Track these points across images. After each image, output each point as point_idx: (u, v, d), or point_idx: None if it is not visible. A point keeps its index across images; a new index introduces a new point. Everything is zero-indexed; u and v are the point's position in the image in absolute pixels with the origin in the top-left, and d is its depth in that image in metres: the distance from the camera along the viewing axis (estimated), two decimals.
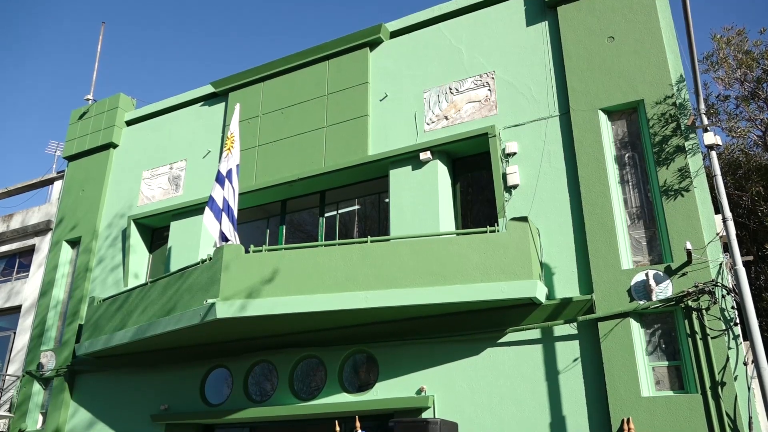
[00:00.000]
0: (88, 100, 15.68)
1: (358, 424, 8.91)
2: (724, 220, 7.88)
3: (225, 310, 9.39)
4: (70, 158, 15.24)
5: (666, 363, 8.13)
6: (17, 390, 13.28)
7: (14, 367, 13.79)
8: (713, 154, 8.26)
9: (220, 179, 11.01)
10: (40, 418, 12.91)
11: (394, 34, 11.91)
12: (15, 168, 48.88)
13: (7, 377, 13.70)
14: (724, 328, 7.77)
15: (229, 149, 11.23)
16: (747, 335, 7.46)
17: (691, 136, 8.79)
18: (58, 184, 15.72)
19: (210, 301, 9.47)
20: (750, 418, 7.35)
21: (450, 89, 10.90)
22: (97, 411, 12.18)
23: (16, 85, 46.53)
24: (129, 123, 14.90)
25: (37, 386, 13.10)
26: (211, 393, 11.18)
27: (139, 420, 11.55)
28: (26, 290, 14.61)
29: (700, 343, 7.81)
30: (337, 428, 9.00)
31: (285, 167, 11.91)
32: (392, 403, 9.28)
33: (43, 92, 50.73)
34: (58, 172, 16.00)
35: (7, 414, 12.98)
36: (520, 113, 10.14)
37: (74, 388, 12.69)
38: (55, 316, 13.71)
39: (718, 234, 8.22)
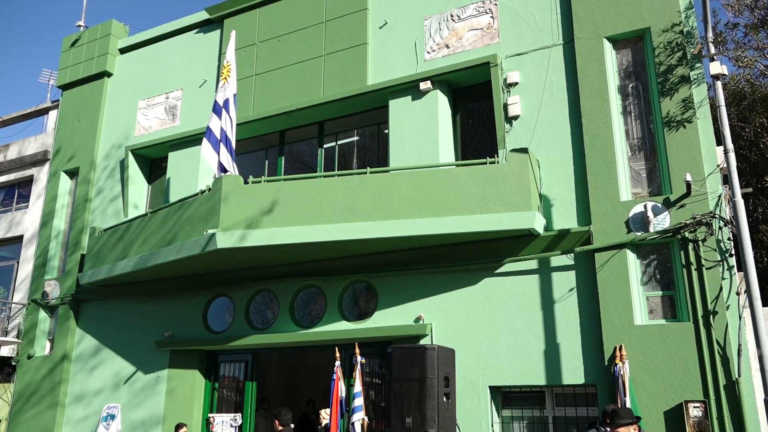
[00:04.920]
0: (79, 26, 15.27)
1: (357, 350, 9.16)
2: (726, 152, 7.83)
3: (225, 240, 9.47)
4: (64, 87, 14.97)
5: (660, 293, 8.28)
6: (23, 317, 13.58)
7: (19, 295, 14.04)
8: (718, 84, 8.11)
9: (217, 109, 10.86)
10: (48, 344, 13.26)
11: None
12: (8, 97, 48.19)
13: (13, 305, 13.97)
14: (719, 259, 7.86)
15: (225, 78, 11.02)
16: (741, 266, 7.56)
17: (697, 65, 8.61)
18: (53, 114, 15.52)
19: (210, 231, 9.53)
20: (739, 345, 7.55)
21: (451, 16, 10.60)
22: (103, 338, 12.49)
23: (6, 10, 45.21)
24: (122, 51, 14.55)
25: (43, 314, 13.38)
26: (213, 321, 11.43)
27: (143, 346, 11.86)
28: (27, 220, 14.69)
29: (694, 274, 7.93)
30: (337, 354, 9.26)
31: (283, 97, 11.73)
32: (391, 330, 9.50)
33: (34, 18, 49.37)
34: (52, 102, 15.76)
35: (16, 340, 13.33)
36: (522, 42, 9.90)
37: (79, 316, 12.97)
38: (57, 246, 13.84)
39: (718, 165, 8.20)
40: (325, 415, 9.54)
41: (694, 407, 7.50)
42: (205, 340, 11.17)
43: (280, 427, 7.59)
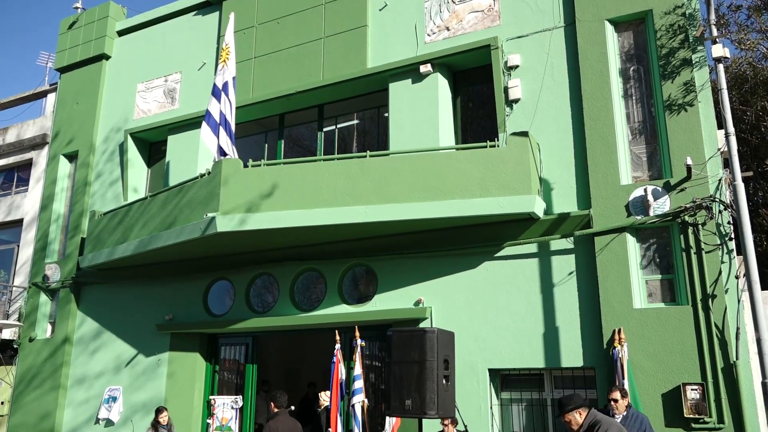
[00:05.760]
0: (77, 8, 15.14)
1: (357, 333, 9.20)
2: (727, 135, 7.81)
3: (225, 223, 9.47)
4: (62, 70, 14.88)
5: (659, 276, 8.30)
6: (24, 301, 13.62)
7: (20, 279, 14.07)
8: (720, 67, 8.07)
9: (216, 92, 10.81)
10: (49, 327, 13.31)
11: None
12: (6, 80, 47.94)
13: (14, 288, 14.01)
14: (719, 242, 7.87)
15: (224, 61, 10.95)
16: (741, 250, 7.57)
17: (699, 48, 8.56)
18: (51, 97, 15.44)
19: (210, 214, 9.53)
20: (737, 328, 7.58)
21: None
22: (104, 321, 12.54)
23: None
24: (120, 33, 14.44)
25: (44, 297, 13.42)
26: (213, 304, 11.46)
27: (144, 329, 11.91)
28: (26, 204, 14.68)
29: (694, 258, 7.94)
30: (337, 337, 9.31)
31: (282, 80, 11.66)
32: (390, 314, 9.53)
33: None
34: (51, 85, 15.67)
35: (17, 323, 13.38)
36: (524, 24, 9.82)
37: (80, 299, 13.00)
38: (57, 230, 13.84)
39: (719, 149, 8.18)
40: (325, 397, 9.60)
41: (692, 390, 7.55)
42: (205, 323, 11.21)
43: (276, 409, 7.84)
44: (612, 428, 4.89)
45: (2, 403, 13.36)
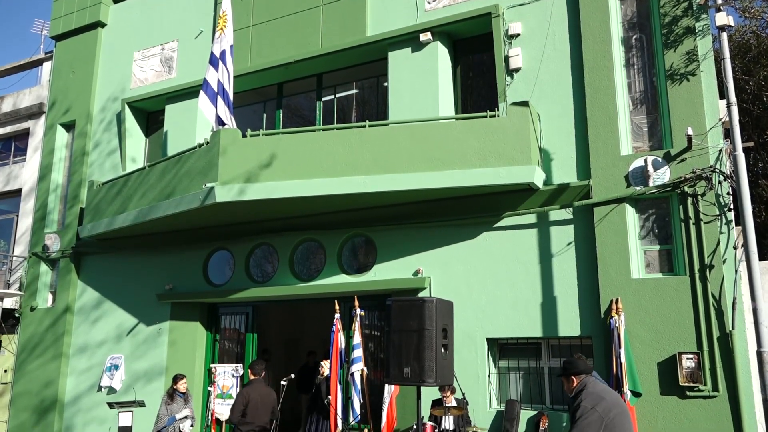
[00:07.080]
0: None
1: (356, 303, 9.26)
2: (728, 106, 7.75)
3: (224, 193, 9.46)
4: (58, 38, 14.69)
5: (658, 247, 8.32)
6: (25, 270, 13.67)
7: (20, 248, 14.10)
8: (724, 35, 7.97)
9: (213, 61, 10.69)
10: (50, 296, 13.38)
11: None
12: (1, 48, 47.33)
13: (14, 258, 14.05)
14: (718, 213, 7.87)
15: (221, 29, 10.81)
16: (739, 220, 7.58)
17: (703, 16, 8.44)
18: (47, 66, 15.27)
19: (209, 185, 9.52)
20: (734, 298, 7.63)
21: None
22: (104, 290, 12.60)
23: None
24: (116, 0, 14.23)
25: (44, 267, 13.46)
26: (213, 274, 11.51)
27: (145, 299, 11.99)
28: (25, 174, 14.63)
29: (692, 228, 7.95)
30: (337, 307, 9.37)
31: (280, 49, 11.53)
32: (390, 283, 9.58)
33: None
34: (46, 53, 15.49)
35: (18, 293, 13.45)
36: None
37: (80, 269, 13.05)
38: (56, 200, 13.83)
39: (720, 119, 8.13)
40: (325, 366, 9.71)
41: (688, 359, 7.64)
42: (205, 293, 11.28)
43: (253, 377, 8.38)
44: (587, 399, 4.79)
45: (5, 371, 13.51)
